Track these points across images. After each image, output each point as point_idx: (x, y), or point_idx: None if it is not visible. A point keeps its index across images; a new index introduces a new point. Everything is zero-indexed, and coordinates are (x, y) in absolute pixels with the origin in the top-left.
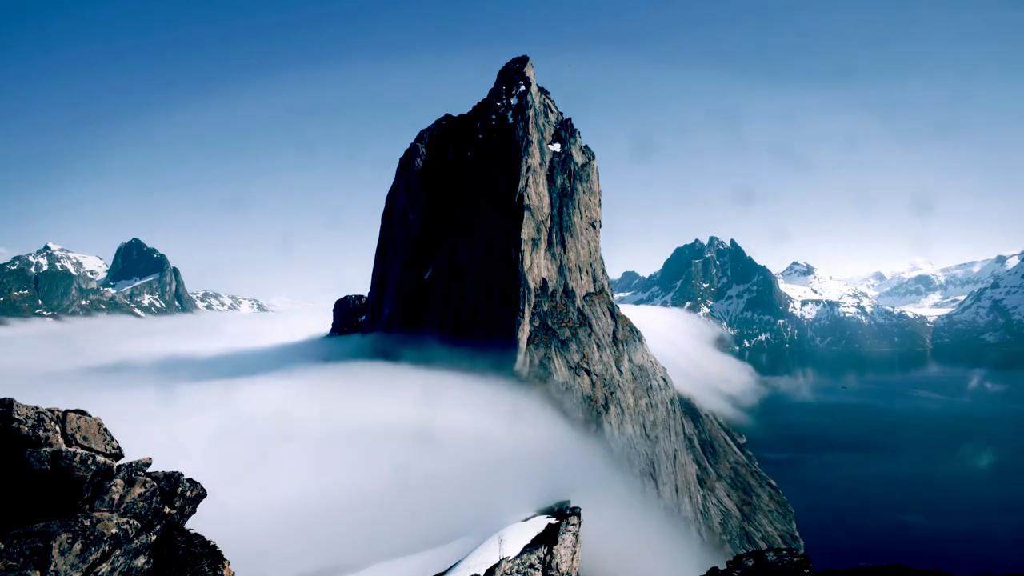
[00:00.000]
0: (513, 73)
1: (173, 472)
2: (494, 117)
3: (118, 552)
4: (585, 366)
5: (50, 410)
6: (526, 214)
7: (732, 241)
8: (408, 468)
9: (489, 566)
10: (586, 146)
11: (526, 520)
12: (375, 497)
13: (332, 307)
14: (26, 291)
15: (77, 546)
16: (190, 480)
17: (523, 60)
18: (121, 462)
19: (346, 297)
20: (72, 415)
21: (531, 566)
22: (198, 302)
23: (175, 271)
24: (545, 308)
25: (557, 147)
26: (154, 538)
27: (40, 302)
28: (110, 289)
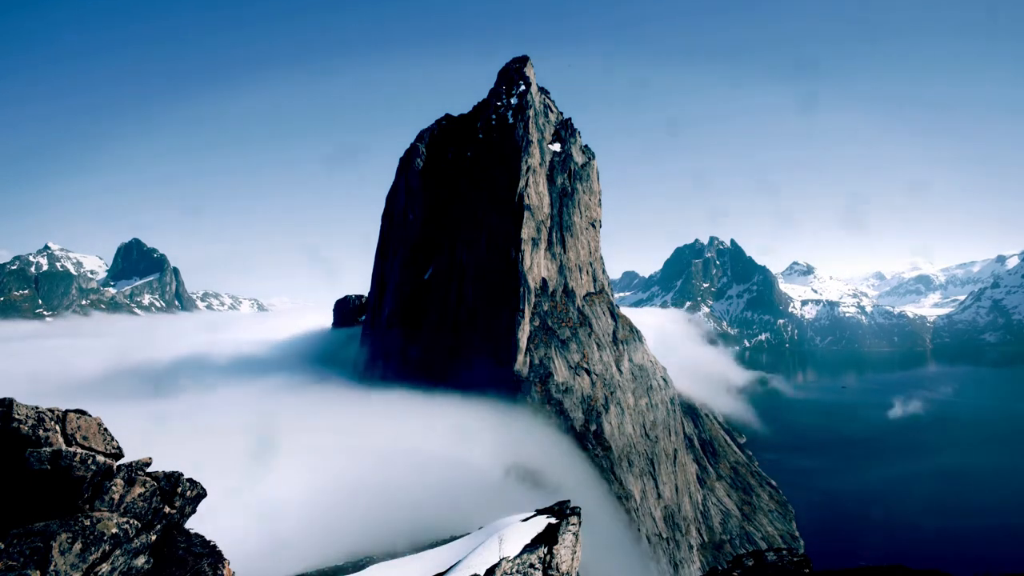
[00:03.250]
0: (513, 73)
1: (173, 472)
2: (494, 117)
3: (118, 552)
4: (585, 366)
5: (50, 410)
6: (526, 214)
7: (732, 241)
8: (408, 469)
9: (489, 566)
10: (586, 146)
11: (526, 520)
12: (375, 498)
13: (332, 307)
14: (26, 291)
15: (77, 546)
16: (190, 480)
17: (523, 60)
18: (121, 462)
19: (346, 297)
20: (72, 415)
21: (531, 566)
22: (198, 302)
23: (175, 271)
24: (545, 308)
25: (557, 147)
26: (154, 538)
27: (40, 302)
28: (110, 289)
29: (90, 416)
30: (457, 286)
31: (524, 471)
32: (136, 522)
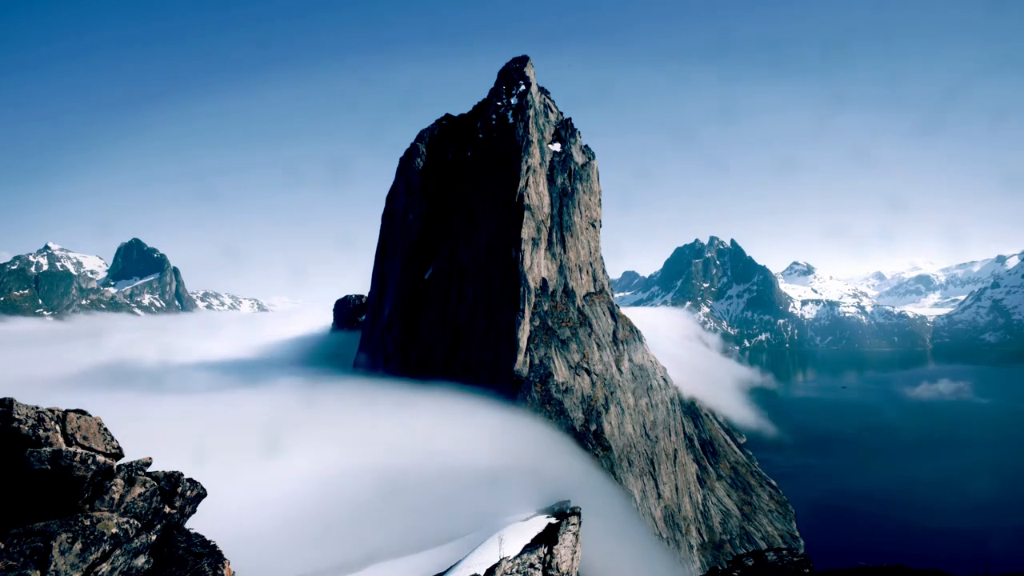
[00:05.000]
0: (513, 73)
1: (173, 472)
2: (494, 117)
3: (118, 552)
4: (585, 366)
5: (50, 410)
6: (526, 214)
7: (732, 241)
8: (408, 469)
9: (489, 566)
10: (586, 146)
11: (526, 520)
12: (375, 497)
13: (332, 307)
14: (26, 291)
15: (77, 546)
16: (190, 480)
17: (523, 60)
18: (121, 462)
19: (346, 297)
20: (72, 415)
21: (531, 566)
22: (198, 302)
23: (175, 271)
24: (545, 308)
25: (557, 147)
26: (154, 538)
27: (40, 302)
28: (110, 289)
29: (90, 416)
30: (457, 286)
31: (524, 471)
32: (136, 522)
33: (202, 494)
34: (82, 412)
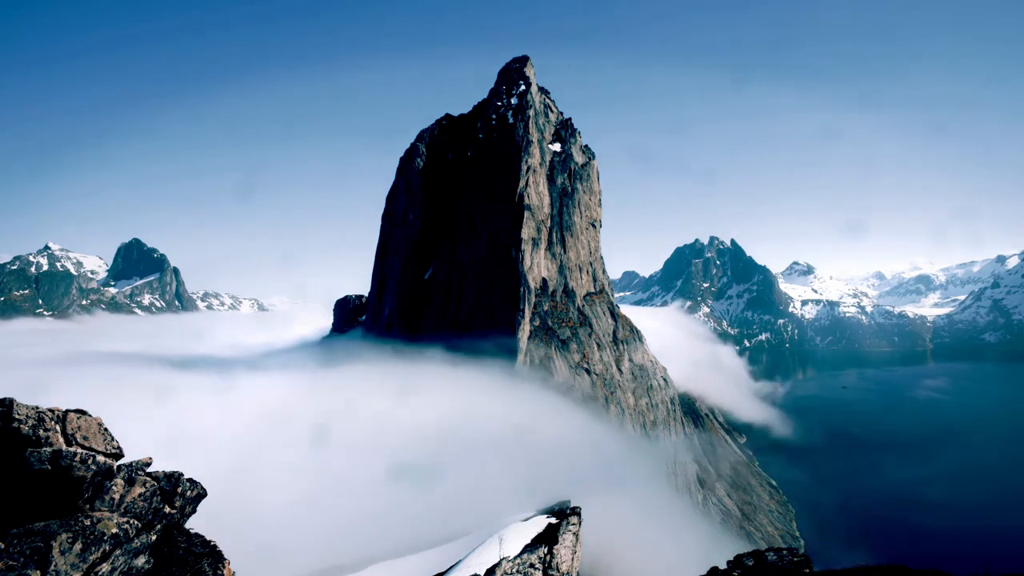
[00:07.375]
0: (513, 73)
1: (173, 472)
2: (494, 117)
3: (118, 552)
4: (585, 366)
5: (50, 410)
6: (526, 214)
7: (732, 241)
8: (408, 468)
9: (489, 566)
10: (586, 146)
11: (526, 520)
12: (375, 497)
13: (332, 306)
14: (26, 291)
15: (77, 546)
16: (190, 480)
17: (523, 60)
18: (121, 462)
19: (346, 297)
20: (72, 415)
21: (531, 566)
22: (198, 302)
23: (175, 271)
24: (545, 308)
25: (557, 147)
26: (154, 538)
27: (40, 302)
28: (110, 289)
29: (90, 416)
30: (457, 286)
31: (524, 469)
32: (136, 522)
33: (202, 494)
34: (82, 412)
